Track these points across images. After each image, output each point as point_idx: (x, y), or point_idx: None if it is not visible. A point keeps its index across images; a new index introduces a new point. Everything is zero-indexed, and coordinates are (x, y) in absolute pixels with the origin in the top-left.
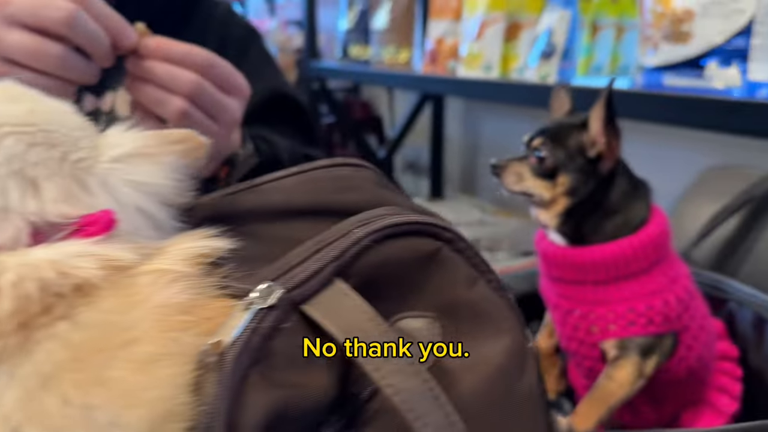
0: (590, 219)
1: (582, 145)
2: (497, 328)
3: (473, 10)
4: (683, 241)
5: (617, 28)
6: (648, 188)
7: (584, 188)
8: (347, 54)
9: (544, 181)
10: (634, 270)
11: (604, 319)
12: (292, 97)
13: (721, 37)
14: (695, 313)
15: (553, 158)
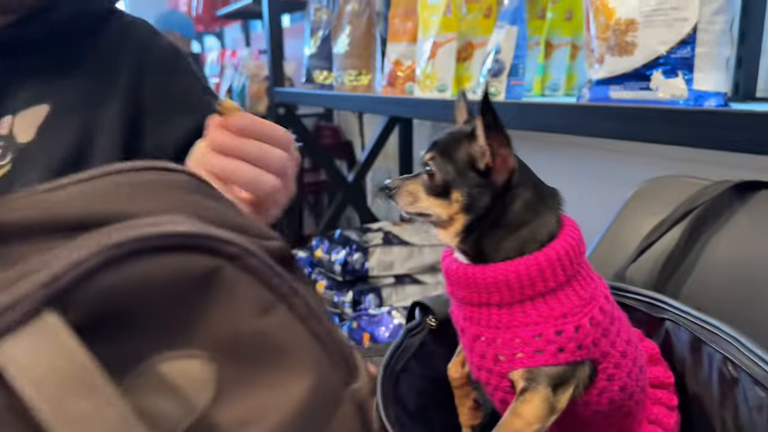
0: (490, 236)
1: (472, 158)
2: (297, 366)
3: (427, 31)
4: (621, 258)
5: (572, 46)
6: (558, 198)
7: (480, 203)
8: (311, 79)
9: (440, 200)
10: (540, 290)
11: (510, 346)
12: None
13: (664, 47)
14: (616, 339)
15: (442, 174)
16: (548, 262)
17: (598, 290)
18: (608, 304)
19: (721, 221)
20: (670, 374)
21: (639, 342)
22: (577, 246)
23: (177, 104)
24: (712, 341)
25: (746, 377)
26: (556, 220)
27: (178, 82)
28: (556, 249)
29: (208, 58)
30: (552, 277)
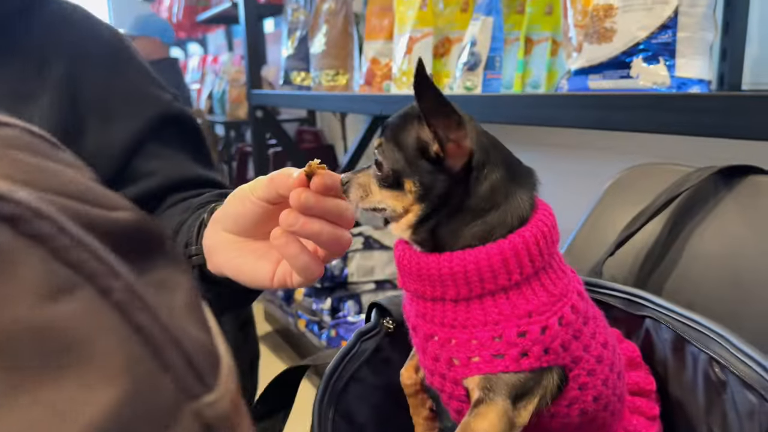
0: (449, 222)
1: (422, 143)
2: (101, 368)
3: (402, 27)
4: (598, 252)
5: (552, 41)
6: (533, 179)
7: (435, 192)
8: (289, 81)
9: (392, 191)
10: (503, 284)
11: (466, 349)
12: (181, 116)
13: (644, 32)
14: (591, 342)
15: (390, 163)
16: (513, 251)
17: (570, 285)
18: (581, 302)
19: (706, 210)
20: (651, 380)
21: (618, 344)
22: (548, 233)
23: (123, 101)
24: (696, 340)
25: (735, 380)
26: (528, 203)
27: (124, 76)
28: (523, 236)
29: (190, 65)
30: (517, 269)
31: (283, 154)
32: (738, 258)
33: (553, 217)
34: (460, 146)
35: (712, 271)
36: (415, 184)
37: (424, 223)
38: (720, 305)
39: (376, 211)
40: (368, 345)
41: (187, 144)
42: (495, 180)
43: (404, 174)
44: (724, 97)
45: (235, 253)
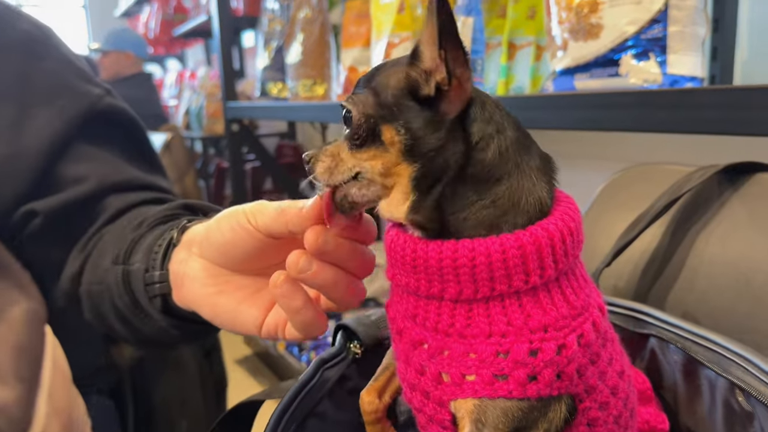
0: (456, 195)
1: (412, 82)
2: None
3: (380, 32)
4: (593, 261)
5: (536, 46)
6: (549, 164)
7: (429, 141)
8: (266, 92)
9: (369, 150)
10: (518, 286)
11: (461, 363)
12: (114, 112)
13: (633, 27)
14: (607, 369)
15: (360, 107)
16: (536, 246)
17: (592, 299)
18: (603, 319)
19: (711, 212)
20: (663, 417)
21: (632, 374)
22: (575, 230)
23: (41, 96)
24: (712, 362)
25: (765, 411)
26: (547, 187)
27: (42, 67)
28: (548, 229)
29: (167, 80)
30: (537, 269)
31: (261, 169)
32: (748, 263)
33: (579, 212)
34: (462, 87)
35: (719, 279)
36: (398, 131)
37: (425, 196)
38: (730, 318)
39: (349, 184)
40: (331, 374)
41: (123, 143)
42: (503, 142)
43: (381, 119)
44: (719, 92)
45: (214, 289)
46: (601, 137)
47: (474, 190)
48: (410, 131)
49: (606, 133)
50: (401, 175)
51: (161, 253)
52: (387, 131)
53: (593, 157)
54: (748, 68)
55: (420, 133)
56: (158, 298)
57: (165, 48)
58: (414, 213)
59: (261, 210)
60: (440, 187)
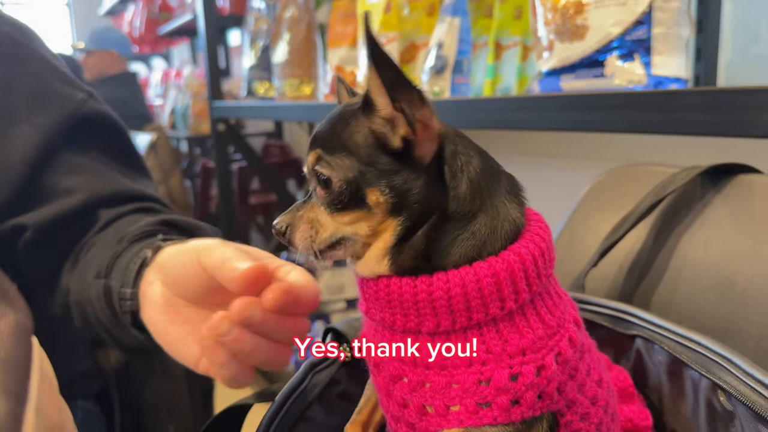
0: (439, 238)
1: (379, 137)
2: None
3: None
4: (578, 263)
5: (522, 46)
6: (514, 181)
7: (413, 196)
8: (252, 92)
9: (352, 213)
10: (494, 313)
11: (444, 395)
12: (98, 117)
13: (618, 28)
14: (586, 380)
15: (341, 173)
16: (508, 272)
17: (566, 314)
18: (579, 333)
19: (694, 213)
20: (646, 413)
21: (609, 377)
22: (546, 250)
23: (23, 102)
24: (696, 362)
25: (745, 411)
26: (519, 208)
27: (24, 72)
28: (519, 253)
29: (152, 80)
30: (512, 295)
31: (247, 168)
32: (730, 265)
33: (549, 231)
34: (428, 127)
35: (703, 281)
36: (383, 192)
37: (405, 244)
38: (713, 319)
39: (334, 249)
40: (320, 378)
41: (108, 149)
42: (473, 173)
43: (365, 183)
44: (703, 93)
45: (166, 317)
46: (586, 138)
47: (455, 226)
48: (394, 189)
49: (591, 134)
50: (386, 231)
51: (134, 270)
52: (371, 194)
53: (578, 158)
54: (731, 69)
55: (404, 188)
56: (128, 314)
57: (150, 47)
58: (396, 264)
59: (210, 253)
60: (424, 231)
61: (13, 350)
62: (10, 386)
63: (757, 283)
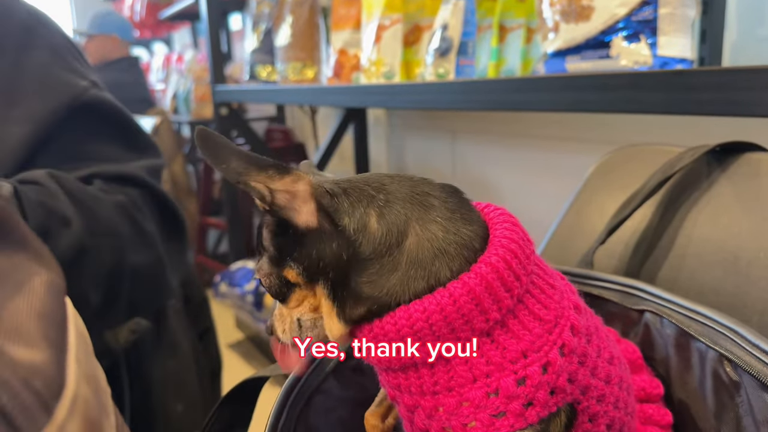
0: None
1: (270, 227)
2: None
3: (370, 14)
4: (586, 241)
5: (526, 29)
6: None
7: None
8: (255, 75)
9: (291, 298)
10: (482, 327)
11: (459, 415)
12: (98, 101)
13: (624, 9)
14: (597, 362)
15: (263, 272)
16: (485, 286)
17: (563, 300)
18: (580, 317)
19: (700, 192)
20: (657, 382)
21: (619, 349)
22: (520, 249)
23: (27, 87)
24: (703, 335)
25: (750, 380)
26: (462, 219)
27: (31, 59)
28: (491, 264)
29: (154, 64)
30: (494, 305)
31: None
32: (735, 242)
33: (517, 225)
34: (293, 193)
35: (708, 257)
36: (292, 267)
37: (343, 302)
38: (718, 294)
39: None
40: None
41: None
42: (377, 211)
43: (280, 269)
44: (709, 73)
45: None
46: (592, 119)
47: (383, 267)
48: (298, 260)
49: (596, 116)
50: (319, 296)
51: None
52: (288, 273)
53: (583, 140)
54: (736, 50)
55: (306, 255)
56: None
57: (151, 31)
58: (345, 319)
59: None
60: (353, 282)
61: (50, 305)
62: (51, 335)
63: (762, 259)
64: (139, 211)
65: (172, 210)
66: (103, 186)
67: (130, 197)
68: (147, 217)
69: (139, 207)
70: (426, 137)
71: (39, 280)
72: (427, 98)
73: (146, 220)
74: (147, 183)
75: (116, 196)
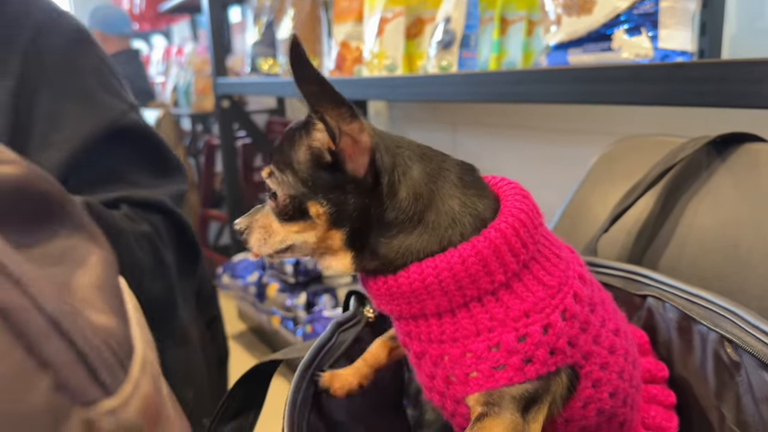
0: (387, 240)
1: (315, 153)
2: None
3: (373, 7)
4: (589, 229)
5: (527, 21)
6: (470, 171)
7: (350, 207)
8: (256, 68)
9: (297, 223)
10: (487, 287)
11: (461, 364)
12: (134, 126)
13: (626, 2)
14: (601, 331)
15: (285, 189)
16: (493, 249)
17: (568, 271)
18: (584, 287)
19: (699, 182)
20: (662, 365)
21: (629, 328)
22: (528, 220)
23: (74, 103)
24: (704, 318)
25: (751, 360)
26: (477, 194)
27: (78, 77)
28: (500, 229)
29: (153, 57)
30: (500, 268)
31: (252, 146)
32: (735, 231)
33: (528, 198)
34: (357, 141)
35: (708, 244)
36: (322, 205)
37: (361, 250)
38: (719, 279)
39: (284, 253)
40: (347, 336)
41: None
42: (411, 181)
43: (306, 197)
44: (708, 65)
45: None
46: (592, 110)
47: (403, 230)
48: (331, 202)
49: (597, 108)
50: (333, 239)
51: None
52: (312, 207)
53: (584, 132)
54: (736, 43)
55: (341, 201)
56: None
57: (150, 24)
58: (358, 266)
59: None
60: (373, 237)
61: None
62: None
63: (760, 246)
64: (161, 239)
65: (190, 238)
66: (129, 212)
67: (153, 226)
68: (167, 245)
69: (161, 235)
70: (427, 129)
71: (95, 258)
72: (430, 90)
73: (166, 249)
74: (170, 210)
75: (141, 226)
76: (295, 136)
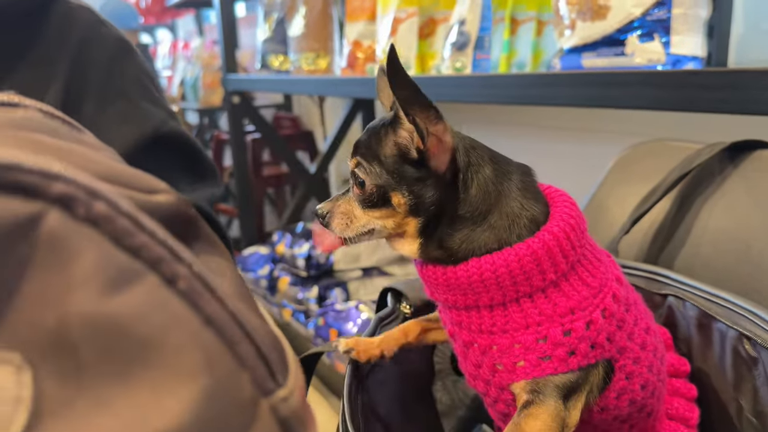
0: (454, 231)
1: (401, 149)
2: (174, 367)
3: (386, 7)
4: (608, 231)
5: (537, 21)
6: (528, 174)
7: (428, 199)
8: (266, 65)
9: (380, 210)
10: (539, 285)
11: (510, 354)
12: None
13: (639, 9)
14: (634, 329)
15: (372, 179)
16: (546, 250)
17: (608, 273)
18: (621, 288)
19: (713, 187)
20: (684, 360)
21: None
22: (576, 224)
23: (117, 114)
24: (723, 317)
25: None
26: (534, 198)
27: (121, 88)
28: (552, 233)
29: (160, 51)
30: (551, 268)
31: (261, 141)
32: (747, 233)
33: (576, 205)
34: (441, 141)
35: (722, 246)
36: (404, 195)
37: (430, 238)
38: (732, 280)
39: (363, 236)
40: (387, 330)
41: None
42: (484, 179)
43: (390, 187)
44: (720, 73)
45: None
46: (605, 110)
47: (472, 222)
48: (413, 193)
49: (610, 111)
50: (409, 226)
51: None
52: (395, 197)
53: (595, 131)
54: (743, 45)
55: (421, 193)
56: None
57: (156, 18)
58: (423, 252)
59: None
60: (442, 229)
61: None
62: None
63: None
64: None
65: (227, 242)
66: None
67: None
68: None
69: None
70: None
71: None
72: (443, 92)
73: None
74: (207, 214)
75: None
76: (381, 132)
